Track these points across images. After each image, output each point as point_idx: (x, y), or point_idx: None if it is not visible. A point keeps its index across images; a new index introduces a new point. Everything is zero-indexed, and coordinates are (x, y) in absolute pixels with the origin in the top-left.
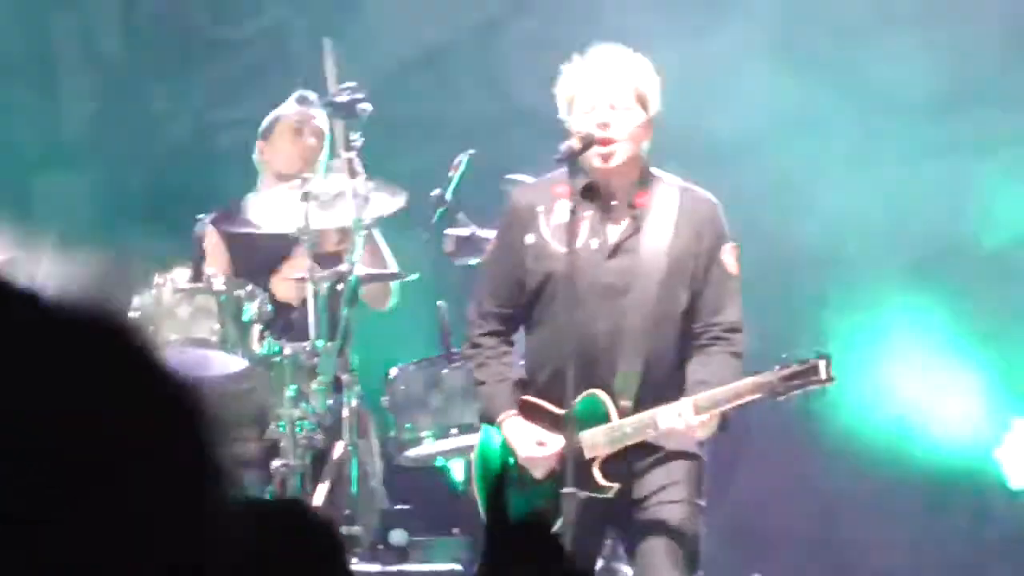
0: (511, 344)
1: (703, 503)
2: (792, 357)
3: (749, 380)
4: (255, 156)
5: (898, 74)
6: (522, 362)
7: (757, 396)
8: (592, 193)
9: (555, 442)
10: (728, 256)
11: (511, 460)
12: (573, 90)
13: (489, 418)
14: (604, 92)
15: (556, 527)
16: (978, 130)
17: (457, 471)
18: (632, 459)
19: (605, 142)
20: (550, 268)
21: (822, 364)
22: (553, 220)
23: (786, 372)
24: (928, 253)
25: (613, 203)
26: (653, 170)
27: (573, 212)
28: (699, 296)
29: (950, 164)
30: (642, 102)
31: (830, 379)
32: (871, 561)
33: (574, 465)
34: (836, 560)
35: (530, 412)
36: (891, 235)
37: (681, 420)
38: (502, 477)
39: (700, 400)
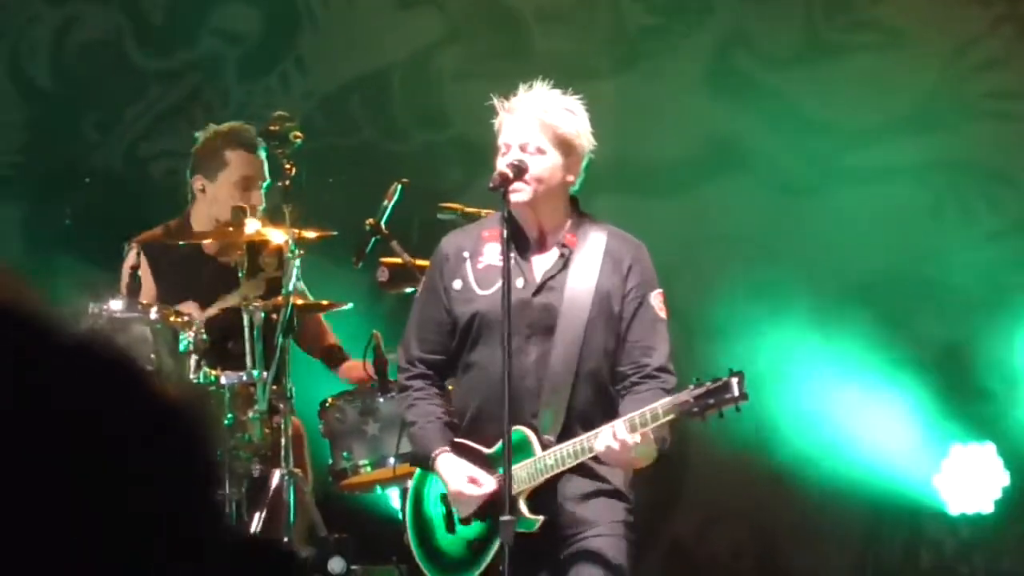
0: (441, 388)
1: (632, 536)
2: (705, 377)
3: (666, 400)
4: (192, 184)
5: (830, 102)
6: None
7: (674, 416)
8: (518, 234)
9: (487, 482)
10: (656, 300)
11: (442, 501)
12: (496, 129)
13: (422, 457)
14: (515, 135)
15: (488, 560)
16: (909, 157)
17: (394, 499)
18: (560, 495)
19: (513, 182)
20: (475, 309)
21: (735, 381)
22: (480, 264)
23: (700, 391)
24: (865, 280)
25: (540, 242)
26: (583, 212)
27: (505, 259)
28: (627, 338)
29: (885, 191)
30: (560, 144)
31: (743, 396)
32: None
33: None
34: None
35: (460, 454)
36: (828, 261)
37: (616, 440)
38: (431, 520)
39: (630, 419)
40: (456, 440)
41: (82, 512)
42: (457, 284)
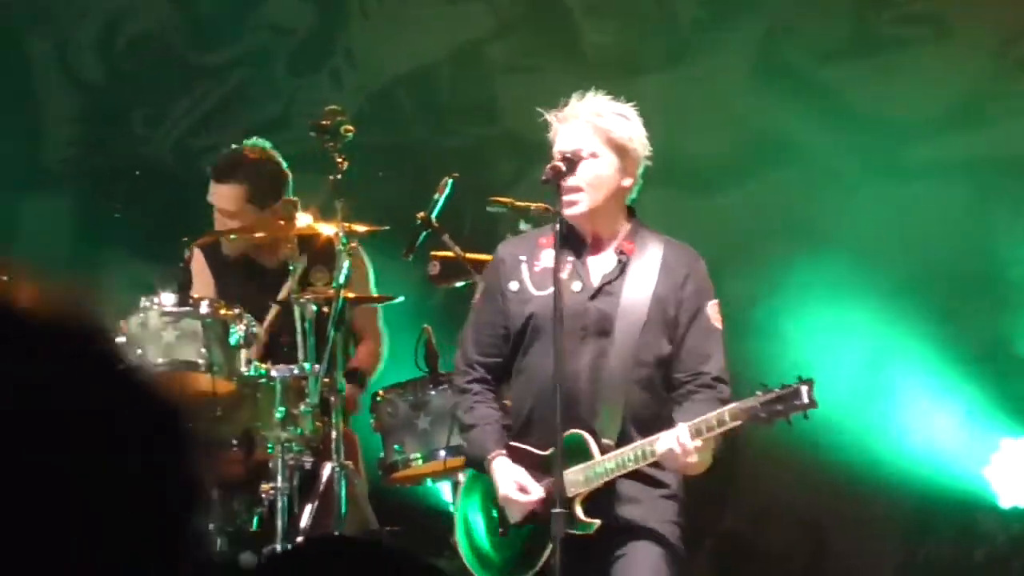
0: (497, 391)
1: (683, 537)
2: (773, 383)
3: (733, 405)
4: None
5: (878, 95)
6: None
7: (740, 422)
8: (575, 239)
9: (536, 491)
10: (712, 310)
11: (494, 504)
12: (551, 140)
13: (478, 459)
14: (569, 142)
15: (540, 564)
16: (957, 151)
17: (445, 493)
18: (614, 496)
19: (568, 190)
20: (531, 310)
21: (804, 389)
22: (536, 267)
23: (768, 397)
24: (914, 274)
25: (597, 247)
26: (640, 221)
27: (556, 257)
28: (683, 345)
29: (933, 185)
30: (615, 148)
31: (812, 403)
32: None
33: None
34: None
35: (514, 456)
36: (878, 257)
37: (679, 444)
38: (483, 522)
39: (694, 424)
40: (512, 444)
41: (81, 514)
42: (514, 286)
